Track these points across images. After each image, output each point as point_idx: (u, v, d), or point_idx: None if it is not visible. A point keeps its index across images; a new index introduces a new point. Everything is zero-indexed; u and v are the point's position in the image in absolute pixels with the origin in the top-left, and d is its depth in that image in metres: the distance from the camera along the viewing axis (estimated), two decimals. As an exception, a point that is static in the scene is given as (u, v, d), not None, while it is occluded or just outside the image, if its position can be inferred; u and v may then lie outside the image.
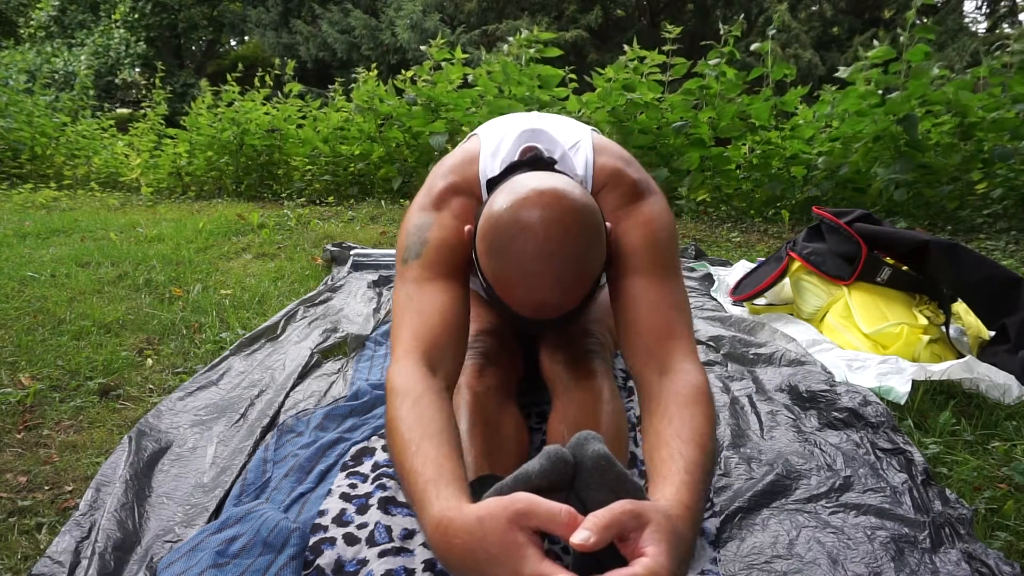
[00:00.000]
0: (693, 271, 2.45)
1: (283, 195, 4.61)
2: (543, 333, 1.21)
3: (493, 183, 0.93)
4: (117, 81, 13.11)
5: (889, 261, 1.67)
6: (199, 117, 4.92)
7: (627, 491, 0.64)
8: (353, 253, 2.47)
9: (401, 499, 0.97)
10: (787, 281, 1.89)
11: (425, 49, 4.35)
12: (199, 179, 4.98)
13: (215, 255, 2.63)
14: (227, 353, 1.52)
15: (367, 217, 3.67)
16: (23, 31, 13.38)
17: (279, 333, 1.70)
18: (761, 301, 1.96)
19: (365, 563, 0.84)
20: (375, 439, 1.15)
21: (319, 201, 4.36)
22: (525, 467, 0.65)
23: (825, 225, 1.77)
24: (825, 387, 1.31)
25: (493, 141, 1.03)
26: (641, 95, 3.79)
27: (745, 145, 4.01)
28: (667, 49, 3.74)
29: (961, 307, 1.72)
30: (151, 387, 1.40)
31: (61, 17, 13.85)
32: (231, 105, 4.85)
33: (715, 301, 2.08)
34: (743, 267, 2.36)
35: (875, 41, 3.39)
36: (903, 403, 1.30)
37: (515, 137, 1.01)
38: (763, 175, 3.84)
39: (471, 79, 4.25)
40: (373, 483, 1.01)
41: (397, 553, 0.86)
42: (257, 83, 4.95)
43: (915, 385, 1.34)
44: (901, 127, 3.24)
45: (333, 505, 0.95)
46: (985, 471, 1.08)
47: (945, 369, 1.35)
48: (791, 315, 1.85)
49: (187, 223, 3.30)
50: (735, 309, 1.99)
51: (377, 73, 4.63)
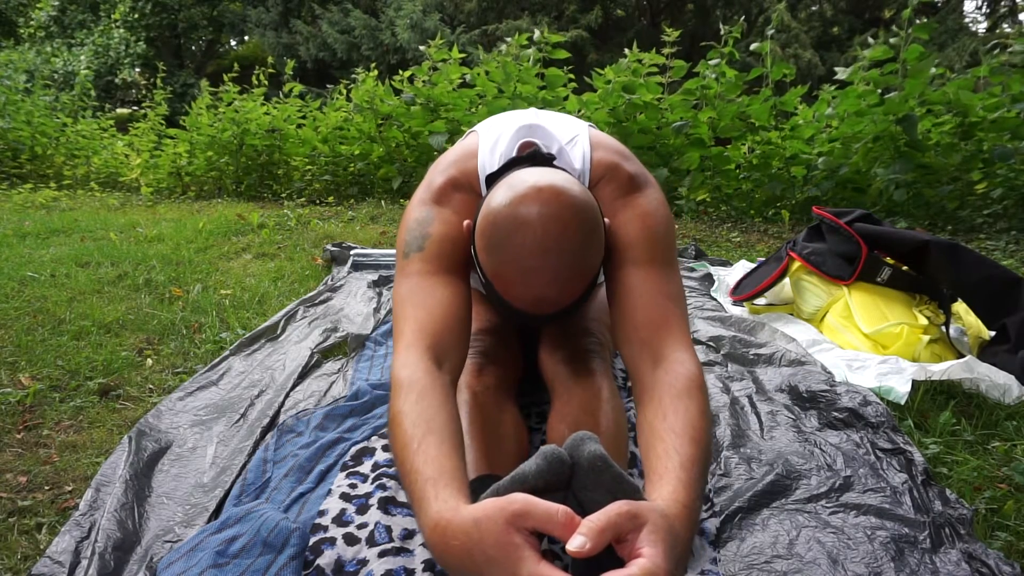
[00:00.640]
0: (693, 271, 2.45)
1: (283, 195, 4.61)
2: (542, 328, 1.21)
3: (492, 179, 0.93)
4: (117, 81, 13.11)
5: (889, 261, 1.67)
6: (199, 117, 4.93)
7: (624, 491, 0.64)
8: (353, 253, 2.47)
9: (401, 499, 0.97)
10: (787, 281, 1.89)
11: (424, 49, 4.35)
12: (199, 179, 4.98)
13: (215, 255, 2.63)
14: (227, 353, 1.52)
15: (367, 217, 3.67)
16: (23, 31, 13.37)
17: (279, 333, 1.70)
18: (761, 301, 1.96)
19: (365, 563, 0.84)
20: (375, 439, 1.15)
21: (319, 201, 4.36)
22: (522, 467, 0.65)
23: (825, 225, 1.77)
24: (825, 387, 1.31)
25: (491, 137, 1.04)
26: (640, 96, 3.80)
27: (745, 145, 4.01)
28: (667, 52, 3.75)
29: (961, 307, 1.72)
30: (151, 387, 1.40)
31: (61, 17, 13.85)
32: (231, 105, 4.85)
33: (715, 301, 2.08)
34: (743, 267, 2.36)
35: (870, 40, 3.38)
36: (903, 403, 1.30)
37: (513, 132, 1.02)
38: (763, 175, 3.84)
39: (469, 79, 4.25)
40: (373, 483, 1.01)
41: (397, 553, 0.86)
42: (254, 81, 4.94)
43: (915, 385, 1.34)
44: (900, 127, 3.25)
45: (333, 505, 0.95)
46: (985, 471, 1.08)
47: (945, 369, 1.35)
48: (791, 315, 1.85)
49: (187, 223, 3.30)
50: (735, 309, 1.99)
51: (377, 73, 4.64)
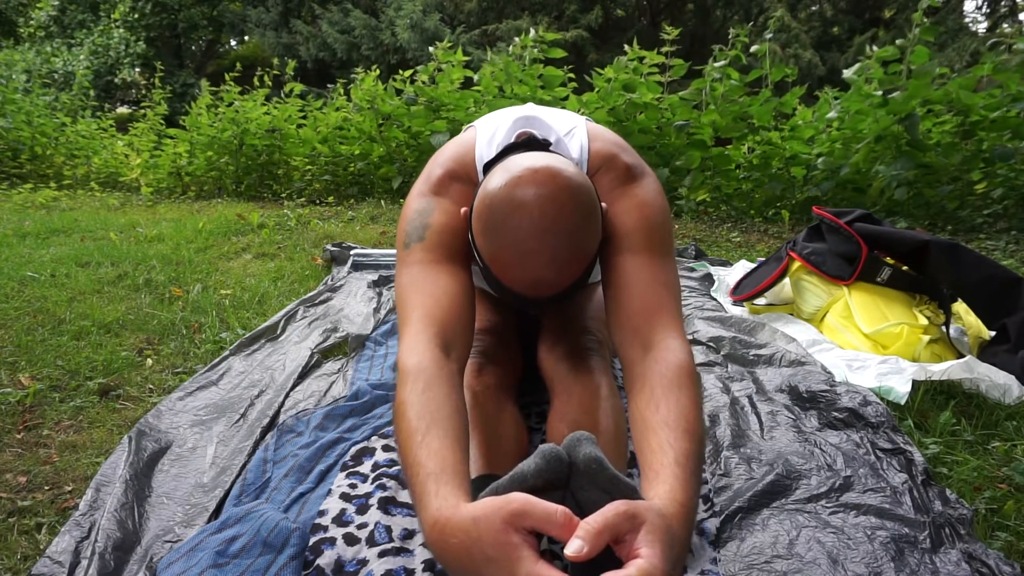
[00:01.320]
0: (693, 271, 2.44)
1: (283, 195, 4.61)
2: (541, 326, 1.21)
3: (489, 166, 0.93)
4: (117, 81, 13.11)
5: (889, 261, 1.67)
6: (199, 117, 4.92)
7: (621, 492, 0.64)
8: (353, 253, 2.47)
9: (401, 499, 0.97)
10: (787, 281, 1.89)
11: (431, 50, 4.35)
12: (199, 179, 4.98)
13: (215, 255, 2.63)
14: (227, 353, 1.52)
15: (367, 217, 3.67)
16: (23, 31, 13.37)
17: (279, 333, 1.70)
18: (761, 301, 1.96)
19: (365, 563, 0.84)
20: (375, 439, 1.15)
21: (319, 201, 4.36)
22: (520, 467, 0.65)
23: (825, 225, 1.77)
24: (825, 387, 1.31)
25: (489, 130, 1.04)
26: (640, 95, 3.80)
27: (745, 145, 4.01)
28: (666, 50, 3.75)
29: (961, 307, 1.72)
30: (151, 387, 1.40)
31: (61, 17, 13.85)
32: (231, 105, 4.85)
33: (715, 301, 2.08)
34: (743, 267, 2.36)
35: (874, 48, 3.38)
36: (903, 403, 1.30)
37: (510, 124, 1.02)
38: (763, 175, 3.84)
39: (477, 79, 4.25)
40: (373, 483, 1.01)
41: (397, 553, 0.86)
42: (256, 82, 4.95)
43: (915, 385, 1.34)
44: (902, 126, 3.25)
45: (333, 505, 0.95)
46: (985, 471, 1.08)
47: (945, 369, 1.35)
48: (791, 315, 1.85)
49: (187, 223, 3.30)
50: (735, 309, 1.99)
51: (378, 73, 4.64)
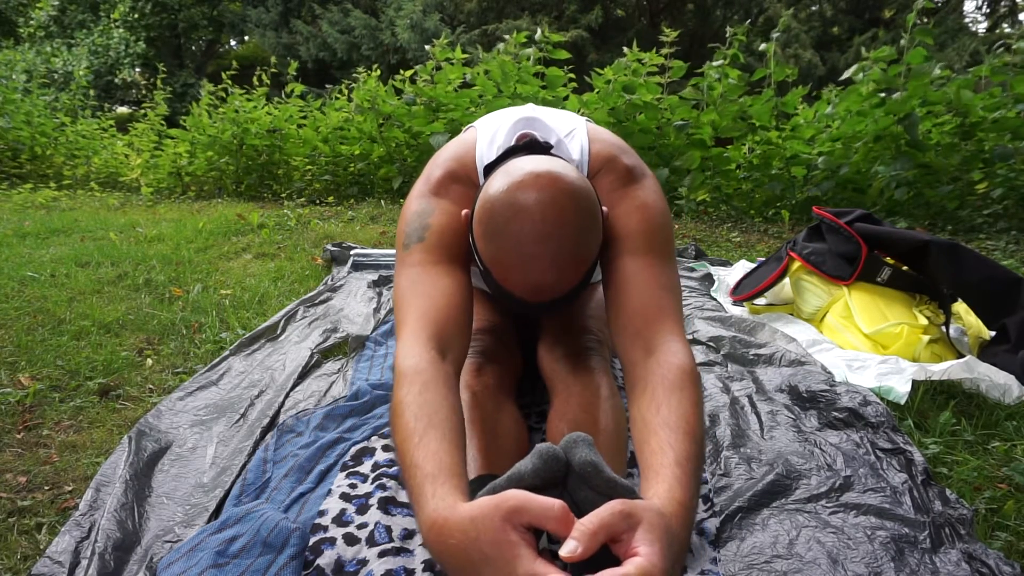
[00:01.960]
0: (693, 271, 2.44)
1: (283, 195, 4.61)
2: (541, 326, 1.21)
3: (490, 168, 0.93)
4: (117, 81, 13.11)
5: (889, 261, 1.67)
6: (200, 117, 4.93)
7: (618, 494, 0.64)
8: (353, 253, 2.47)
9: (401, 499, 0.97)
10: (787, 281, 1.89)
11: (429, 49, 4.35)
12: (199, 179, 4.98)
13: (215, 255, 2.63)
14: (227, 353, 1.52)
15: (367, 217, 3.67)
16: (23, 31, 13.37)
17: (279, 333, 1.70)
18: (761, 301, 1.96)
19: (365, 563, 0.84)
20: (375, 439, 1.15)
21: (319, 201, 4.36)
22: (518, 466, 0.65)
23: (825, 225, 1.77)
24: (825, 387, 1.31)
25: (489, 131, 1.04)
26: (640, 96, 3.80)
27: (745, 145, 4.01)
28: (666, 51, 3.75)
29: (961, 307, 1.72)
30: (151, 387, 1.40)
31: (61, 17, 13.85)
32: (231, 106, 4.85)
33: (715, 301, 2.08)
34: (743, 267, 2.36)
35: (870, 50, 3.38)
36: (903, 403, 1.30)
37: (511, 125, 1.02)
38: (763, 175, 3.84)
39: (470, 78, 4.25)
40: (373, 483, 1.01)
41: (397, 553, 0.86)
42: (255, 81, 4.95)
43: (915, 385, 1.34)
44: (902, 127, 3.25)
45: (333, 505, 0.95)
46: (985, 471, 1.08)
47: (945, 369, 1.35)
48: (791, 315, 1.85)
49: (187, 223, 3.30)
50: (735, 309, 1.99)
51: (379, 74, 4.64)
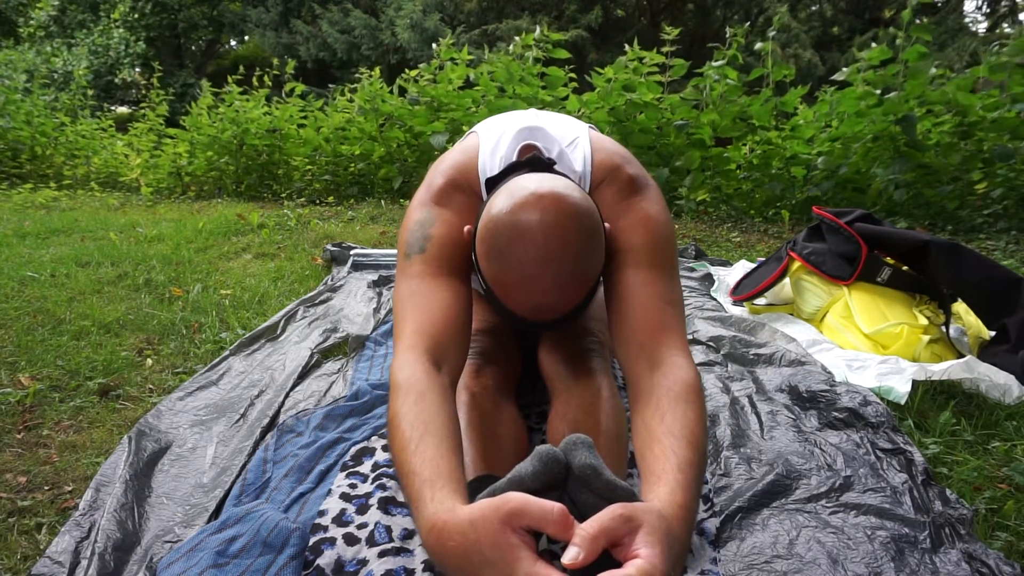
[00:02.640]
0: (693, 271, 2.44)
1: (283, 195, 4.61)
2: (541, 333, 1.21)
3: (492, 182, 0.93)
4: (117, 81, 13.11)
5: (889, 261, 1.67)
6: (200, 117, 4.93)
7: (618, 496, 0.64)
8: (353, 253, 2.47)
9: (401, 499, 0.97)
10: (787, 281, 1.89)
11: (434, 48, 4.35)
12: (199, 179, 4.98)
13: (215, 255, 2.63)
14: (227, 353, 1.52)
15: (367, 217, 3.67)
16: (23, 31, 13.37)
17: (279, 333, 1.70)
18: (761, 301, 1.96)
19: (365, 563, 0.84)
20: (375, 439, 1.15)
21: (319, 201, 4.36)
22: (517, 469, 0.65)
23: (825, 225, 1.77)
24: (825, 387, 1.31)
25: (492, 139, 1.04)
26: (640, 95, 3.80)
27: (745, 145, 4.01)
28: (666, 50, 3.75)
29: (961, 307, 1.72)
30: (151, 387, 1.40)
31: (61, 17, 13.85)
32: (231, 106, 4.85)
33: (715, 301, 2.08)
34: (743, 267, 2.36)
35: (873, 44, 3.38)
36: (903, 403, 1.30)
37: (513, 135, 1.02)
38: (763, 175, 3.84)
39: (472, 78, 4.25)
40: (373, 483, 1.01)
41: (397, 553, 0.86)
42: (256, 83, 4.95)
43: (915, 385, 1.34)
44: (900, 127, 3.25)
45: (333, 505, 0.95)
46: (985, 471, 1.08)
47: (945, 369, 1.35)
48: (791, 315, 1.85)
49: (187, 223, 3.30)
50: (735, 309, 1.99)
51: (380, 75, 4.64)
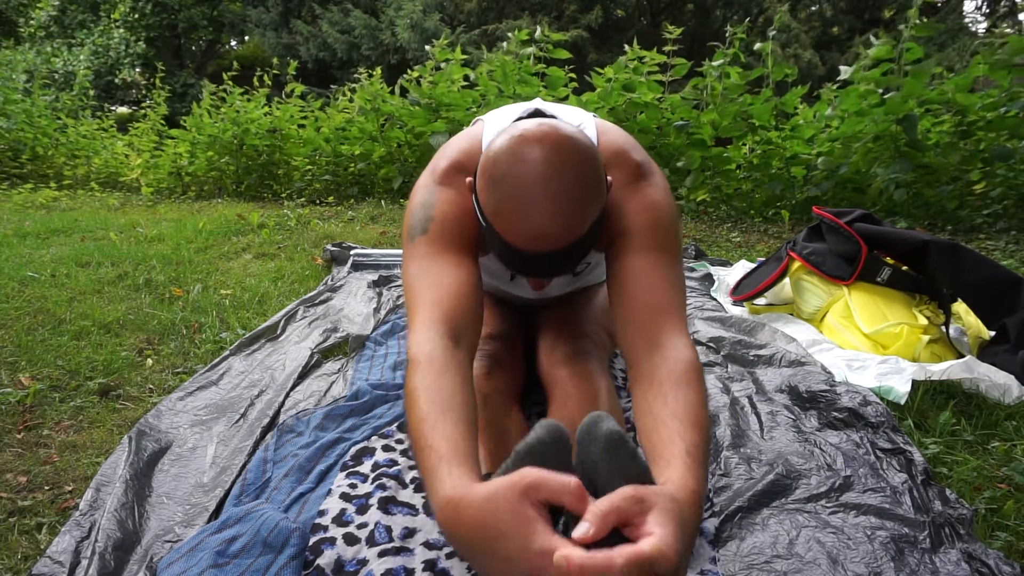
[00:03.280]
0: (693, 271, 2.45)
1: (283, 195, 4.61)
2: (545, 324, 1.22)
3: None
4: (117, 81, 13.11)
5: (889, 261, 1.67)
6: (200, 117, 4.93)
7: (636, 471, 0.63)
8: (353, 253, 2.47)
9: (401, 499, 0.97)
10: (787, 281, 1.89)
11: (428, 49, 4.35)
12: (199, 179, 4.98)
13: (215, 255, 2.63)
14: (227, 353, 1.52)
15: (367, 217, 3.67)
16: (23, 31, 13.37)
17: (279, 333, 1.70)
18: (761, 301, 1.96)
19: (365, 563, 0.84)
20: (375, 439, 1.15)
21: (319, 201, 4.36)
22: (522, 442, 0.65)
23: (825, 225, 1.77)
24: (825, 387, 1.31)
25: (497, 124, 1.05)
26: (641, 95, 3.80)
27: (745, 145, 4.01)
28: (668, 49, 3.74)
29: (961, 307, 1.72)
30: (151, 387, 1.40)
31: (61, 17, 13.85)
32: (232, 106, 4.85)
33: (715, 301, 2.08)
34: (743, 267, 2.36)
35: (872, 39, 3.38)
36: (903, 403, 1.30)
37: (518, 115, 1.02)
38: (763, 175, 3.84)
39: (473, 78, 4.25)
40: (373, 483, 1.01)
41: (397, 553, 0.86)
42: (256, 83, 4.95)
43: (915, 385, 1.34)
44: (900, 127, 3.24)
45: (333, 505, 0.95)
46: (985, 471, 1.08)
47: (945, 369, 1.35)
48: (791, 315, 1.85)
49: (187, 223, 3.30)
50: (735, 309, 1.99)
51: (380, 75, 4.64)
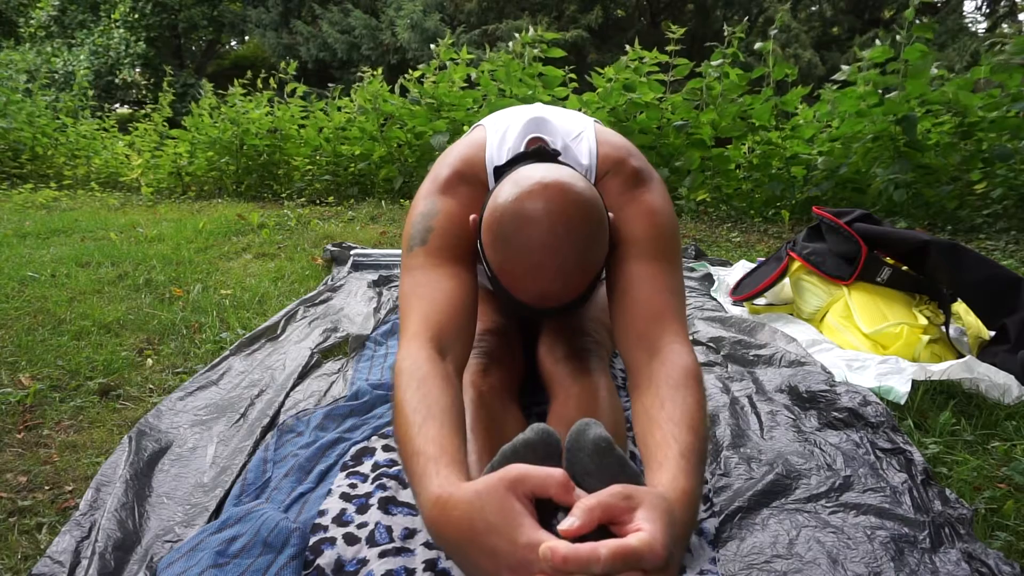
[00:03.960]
0: (693, 271, 2.45)
1: (283, 195, 4.61)
2: (545, 322, 1.22)
3: (499, 172, 0.94)
4: (117, 81, 13.11)
5: (889, 261, 1.67)
6: (201, 117, 4.93)
7: (626, 475, 0.64)
8: (353, 253, 2.47)
9: (401, 499, 0.97)
10: (787, 281, 1.89)
11: (433, 48, 4.35)
12: (199, 179, 4.98)
13: (215, 255, 2.63)
14: (227, 353, 1.52)
15: (367, 217, 3.67)
16: (23, 31, 13.37)
17: (279, 333, 1.70)
18: (761, 301, 1.96)
19: (365, 563, 0.84)
20: (375, 439, 1.15)
21: (319, 201, 4.36)
22: (508, 443, 0.66)
23: (825, 225, 1.77)
24: (825, 387, 1.31)
25: (499, 130, 1.04)
26: (641, 95, 3.80)
27: (745, 145, 4.01)
28: (669, 49, 3.74)
29: (961, 307, 1.72)
30: (151, 387, 1.40)
31: (61, 17, 13.84)
32: (233, 107, 4.85)
33: (715, 301, 2.08)
34: (743, 267, 2.36)
35: (876, 41, 3.38)
36: (903, 403, 1.30)
37: (521, 126, 1.02)
38: (763, 175, 3.84)
39: (475, 78, 4.25)
40: (373, 483, 1.01)
41: (397, 553, 0.86)
42: (260, 85, 4.96)
43: (915, 385, 1.34)
44: (900, 127, 3.24)
45: (333, 505, 0.95)
46: (985, 471, 1.08)
47: (945, 369, 1.35)
48: (791, 315, 1.85)
49: (187, 223, 3.30)
50: (735, 309, 1.99)
51: (381, 75, 4.64)
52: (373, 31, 12.19)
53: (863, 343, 1.58)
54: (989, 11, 11.90)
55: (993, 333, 1.55)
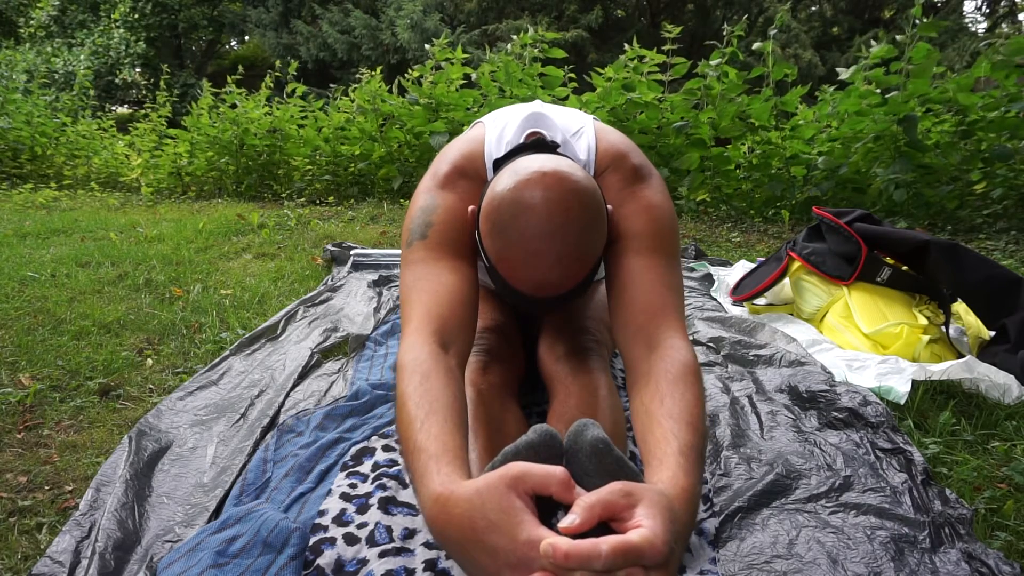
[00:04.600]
0: (693, 271, 2.45)
1: (283, 195, 4.61)
2: (546, 320, 1.22)
3: (498, 165, 0.94)
4: (117, 81, 13.11)
5: (889, 261, 1.67)
6: (200, 117, 4.93)
7: (624, 476, 0.64)
8: (353, 253, 2.48)
9: (401, 499, 0.97)
10: (787, 281, 1.89)
11: (428, 48, 4.35)
12: (199, 179, 4.99)
13: (215, 255, 2.63)
14: (227, 353, 1.52)
15: (367, 217, 3.67)
16: (23, 31, 13.37)
17: (279, 333, 1.70)
18: (761, 301, 1.96)
19: (365, 563, 0.84)
20: (375, 439, 1.15)
21: (319, 201, 4.36)
22: (512, 443, 0.66)
23: (825, 225, 1.77)
24: (825, 387, 1.31)
25: (498, 126, 1.05)
26: (641, 95, 3.80)
27: (745, 145, 4.01)
28: (667, 49, 3.74)
29: (961, 307, 1.72)
30: (151, 387, 1.40)
31: (61, 17, 13.84)
32: (234, 107, 4.85)
33: (715, 301, 2.08)
34: (743, 267, 2.36)
35: (873, 42, 3.38)
36: (903, 403, 1.30)
37: (520, 122, 1.03)
38: (763, 175, 3.84)
39: (474, 78, 4.25)
40: (373, 483, 1.01)
41: (397, 553, 0.86)
42: (262, 86, 4.96)
43: (915, 385, 1.34)
44: (901, 127, 3.24)
45: (333, 505, 0.95)
46: (985, 471, 1.08)
47: (945, 369, 1.35)
48: (791, 315, 1.85)
49: (187, 223, 3.30)
50: (735, 309, 1.99)
51: (381, 75, 4.64)
52: (373, 31, 12.19)
53: (863, 343, 1.58)
54: (989, 11, 11.90)
55: (993, 333, 1.55)
